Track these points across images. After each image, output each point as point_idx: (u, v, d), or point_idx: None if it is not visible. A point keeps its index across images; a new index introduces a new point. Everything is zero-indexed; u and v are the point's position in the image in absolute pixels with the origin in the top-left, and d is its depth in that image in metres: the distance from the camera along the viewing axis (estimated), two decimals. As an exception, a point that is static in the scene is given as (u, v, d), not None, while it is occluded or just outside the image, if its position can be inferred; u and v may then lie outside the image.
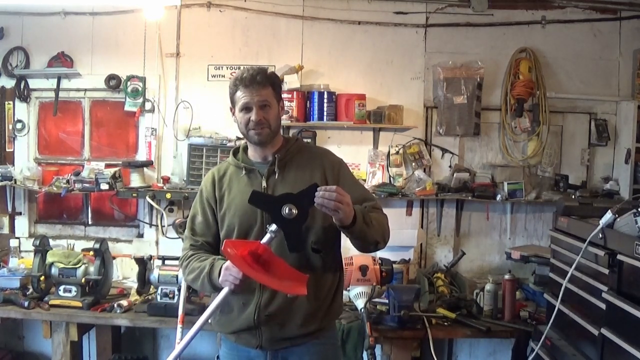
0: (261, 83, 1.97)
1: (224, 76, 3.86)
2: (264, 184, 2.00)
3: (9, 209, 3.94)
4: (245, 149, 2.13)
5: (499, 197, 3.70)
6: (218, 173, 2.11)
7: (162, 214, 3.76)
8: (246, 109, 1.99)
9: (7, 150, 3.95)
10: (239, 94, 2.00)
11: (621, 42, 3.86)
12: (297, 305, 1.96)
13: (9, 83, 3.91)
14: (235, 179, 2.06)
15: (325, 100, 3.69)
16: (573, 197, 3.59)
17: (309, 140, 3.67)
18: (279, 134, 2.10)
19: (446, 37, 3.86)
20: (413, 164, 3.82)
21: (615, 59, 3.88)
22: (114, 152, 4.03)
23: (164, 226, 3.78)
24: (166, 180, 3.74)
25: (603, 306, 2.21)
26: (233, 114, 2.07)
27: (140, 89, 3.80)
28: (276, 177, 2.02)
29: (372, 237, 1.92)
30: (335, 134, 3.84)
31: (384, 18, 3.84)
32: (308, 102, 3.74)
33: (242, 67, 3.81)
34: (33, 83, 3.92)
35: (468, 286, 3.48)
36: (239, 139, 3.75)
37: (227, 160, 2.14)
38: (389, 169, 3.85)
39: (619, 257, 2.14)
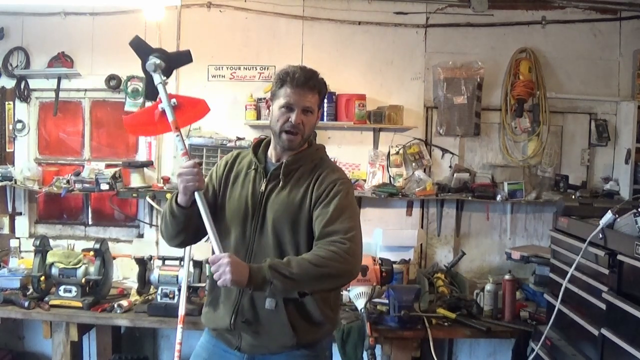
0: (312, 89, 1.91)
1: (224, 76, 3.87)
2: (263, 187, 1.96)
3: (9, 209, 3.94)
4: (268, 144, 2.05)
5: (499, 197, 3.70)
6: (237, 158, 2.08)
7: (162, 214, 3.76)
8: (288, 107, 1.90)
9: (7, 150, 3.96)
10: (285, 90, 1.90)
11: (621, 42, 3.87)
12: (274, 318, 1.88)
13: (9, 83, 3.92)
14: (244, 171, 2.03)
15: (325, 101, 3.67)
16: (573, 197, 3.59)
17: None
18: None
19: (446, 37, 3.86)
20: (413, 164, 3.82)
21: (615, 59, 3.88)
22: (114, 152, 4.03)
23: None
24: (166, 180, 3.74)
25: (603, 306, 2.21)
26: (268, 107, 2.00)
27: (140, 89, 3.80)
28: (277, 183, 1.95)
29: (290, 290, 1.79)
30: (335, 134, 3.84)
31: (384, 18, 3.85)
32: (308, 102, 3.74)
33: (240, 67, 3.84)
34: (33, 83, 3.93)
35: (468, 286, 3.48)
36: (239, 139, 3.75)
37: (249, 149, 2.08)
38: (389, 169, 3.85)
39: (619, 257, 2.14)
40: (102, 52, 3.87)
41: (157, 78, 2.01)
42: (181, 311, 2.94)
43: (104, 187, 3.61)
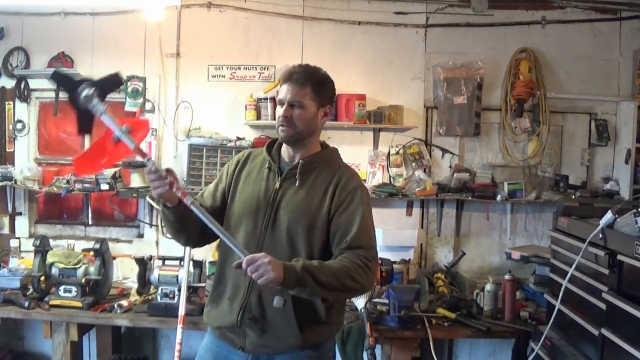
0: (299, 81, 1.93)
1: (224, 76, 3.86)
2: (277, 185, 1.96)
3: (9, 209, 3.93)
4: (281, 144, 2.07)
5: (499, 197, 3.70)
6: (249, 156, 2.09)
7: (162, 214, 3.76)
8: (280, 103, 1.97)
9: (7, 150, 3.95)
10: (280, 87, 2.00)
11: (621, 42, 3.87)
12: (282, 317, 1.89)
13: (9, 83, 3.91)
14: (257, 169, 2.04)
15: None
16: (573, 197, 3.59)
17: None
18: (314, 139, 2.04)
19: (446, 37, 3.86)
20: (413, 164, 3.82)
21: (615, 59, 3.88)
22: (114, 152, 4.02)
23: (164, 226, 3.77)
24: (166, 180, 3.73)
25: (603, 306, 2.22)
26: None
27: (140, 89, 3.80)
28: (293, 182, 1.96)
29: (316, 295, 1.81)
30: (335, 134, 3.84)
31: (384, 18, 3.85)
32: (308, 102, 3.74)
33: (240, 67, 3.85)
34: (33, 83, 3.92)
35: (468, 286, 3.48)
36: (239, 139, 3.75)
37: (263, 148, 2.09)
38: (389, 169, 3.85)
39: (619, 257, 2.14)
40: (102, 52, 3.86)
41: (98, 109, 1.87)
42: (181, 311, 2.94)
43: (104, 187, 3.61)
